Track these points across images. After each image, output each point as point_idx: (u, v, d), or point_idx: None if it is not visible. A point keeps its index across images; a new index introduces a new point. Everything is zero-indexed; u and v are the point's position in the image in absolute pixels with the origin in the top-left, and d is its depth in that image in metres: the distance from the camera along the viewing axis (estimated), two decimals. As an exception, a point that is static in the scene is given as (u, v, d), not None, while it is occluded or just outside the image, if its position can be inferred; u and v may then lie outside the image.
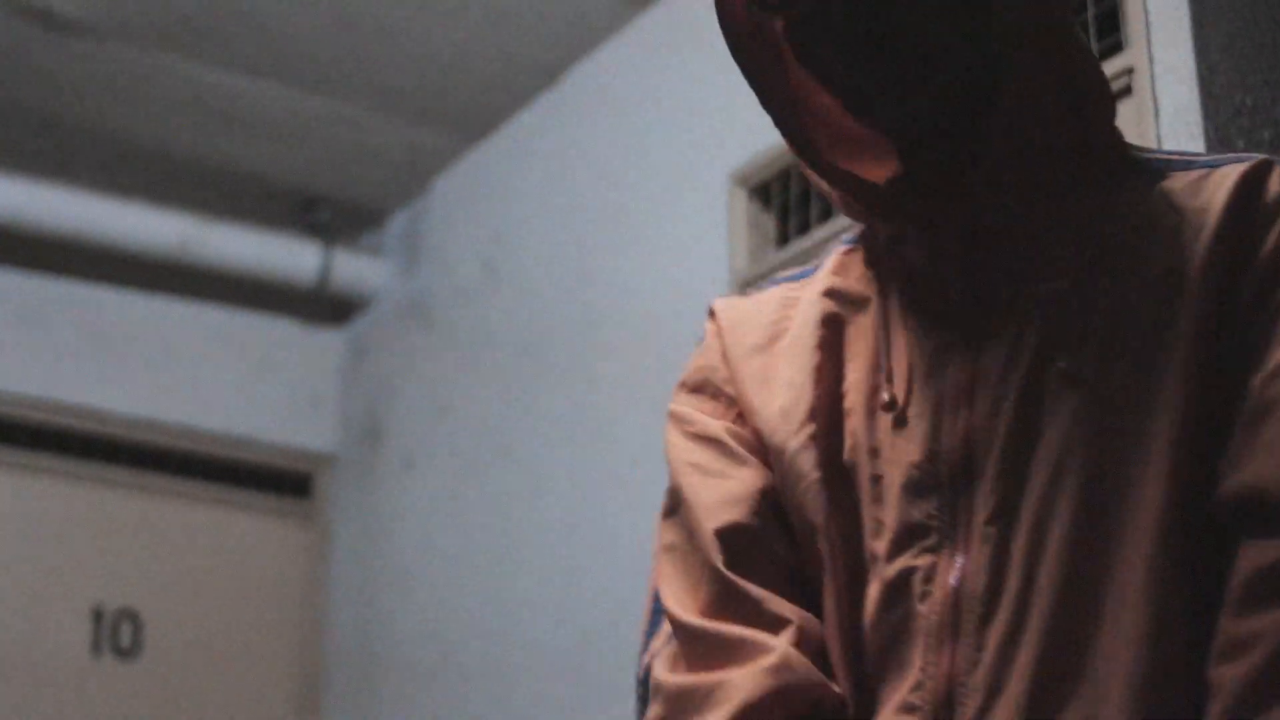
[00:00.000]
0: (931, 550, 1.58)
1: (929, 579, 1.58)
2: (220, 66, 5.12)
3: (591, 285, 5.05)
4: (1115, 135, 1.71)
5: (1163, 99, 3.37)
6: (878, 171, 1.69)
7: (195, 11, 4.84)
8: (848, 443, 1.69)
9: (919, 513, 1.60)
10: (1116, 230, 1.62)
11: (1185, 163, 1.67)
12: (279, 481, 6.16)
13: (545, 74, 5.20)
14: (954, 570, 1.57)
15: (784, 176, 4.30)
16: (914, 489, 1.61)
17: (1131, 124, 3.37)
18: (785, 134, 1.71)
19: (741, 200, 4.39)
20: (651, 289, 4.77)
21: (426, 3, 4.82)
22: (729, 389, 1.82)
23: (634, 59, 5.04)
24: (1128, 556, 1.51)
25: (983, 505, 1.56)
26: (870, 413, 1.68)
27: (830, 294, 1.78)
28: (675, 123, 4.81)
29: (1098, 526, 1.52)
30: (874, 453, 1.66)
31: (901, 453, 1.63)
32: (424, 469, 5.73)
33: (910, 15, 1.60)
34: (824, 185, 1.71)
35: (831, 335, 1.75)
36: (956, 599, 1.56)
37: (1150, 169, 1.67)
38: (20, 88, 5.19)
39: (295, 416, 6.20)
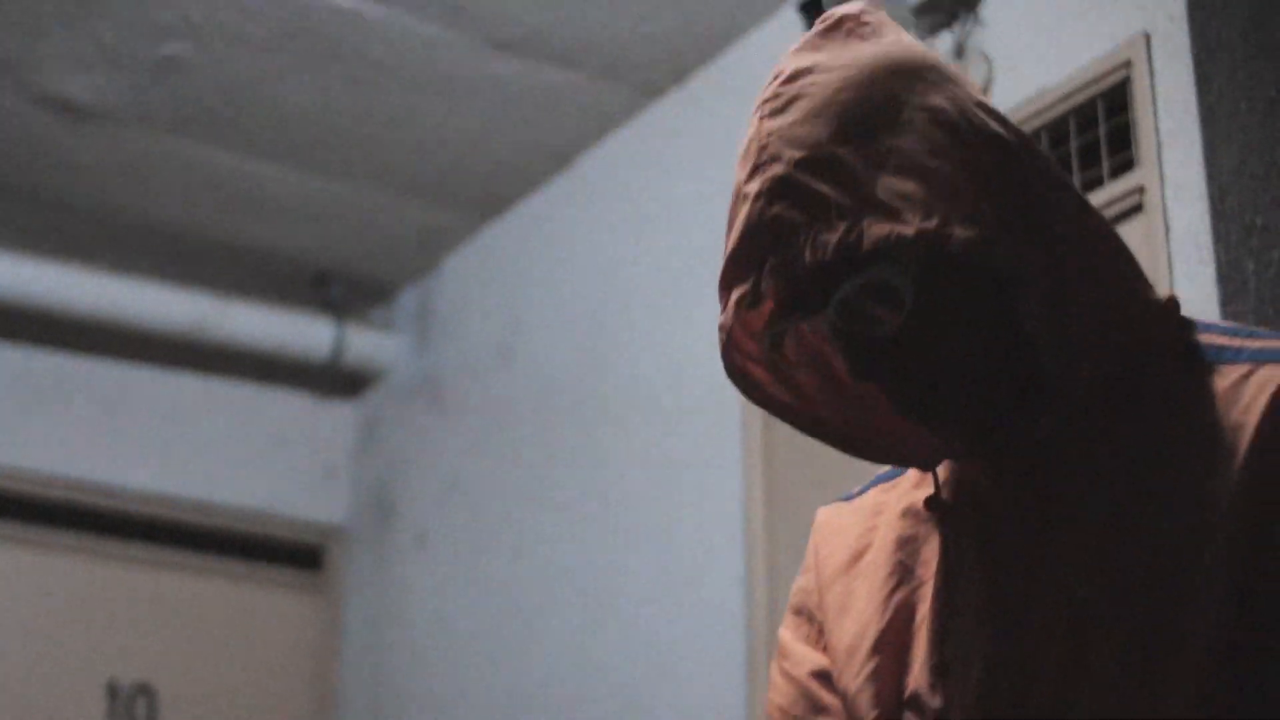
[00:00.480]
0: None
1: None
2: (237, 151, 5.24)
3: (603, 368, 5.13)
4: (1170, 332, 1.69)
5: (1173, 219, 3.45)
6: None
7: (213, 99, 4.96)
8: (914, 672, 1.70)
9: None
10: (1159, 451, 1.64)
11: (1235, 351, 1.65)
12: (291, 555, 6.24)
13: (558, 159, 5.31)
14: None
15: None
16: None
17: (1141, 243, 3.44)
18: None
19: None
20: (662, 373, 4.85)
21: (442, 89, 4.94)
22: (819, 615, 1.83)
23: (645, 147, 5.15)
24: None
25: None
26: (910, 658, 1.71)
27: (909, 512, 1.78)
28: (685, 209, 4.92)
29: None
30: (933, 689, 1.68)
31: (931, 700, 1.66)
32: (436, 545, 5.79)
33: (953, 352, 1.65)
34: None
35: (908, 559, 1.75)
36: None
37: (1202, 361, 1.65)
38: (41, 173, 5.32)
39: (308, 490, 6.28)
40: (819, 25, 1.74)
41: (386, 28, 4.65)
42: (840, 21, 1.73)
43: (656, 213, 5.06)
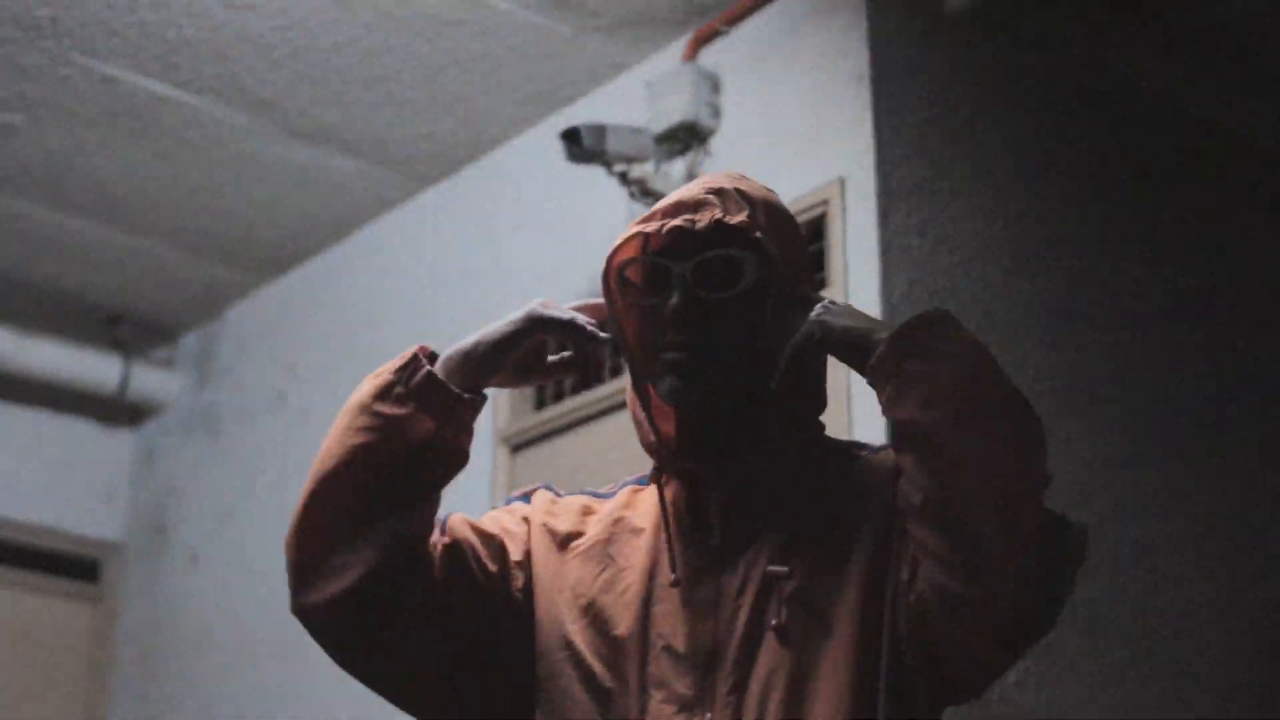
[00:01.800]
0: (688, 710, 2.31)
1: None
2: (52, 207, 5.76)
3: None
4: (823, 430, 2.47)
5: None
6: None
7: (37, 162, 5.49)
8: (622, 629, 2.38)
9: (682, 686, 2.32)
10: (827, 493, 2.37)
11: (859, 446, 2.43)
12: (71, 567, 6.57)
13: (336, 232, 5.88)
14: None
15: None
16: (678, 669, 2.33)
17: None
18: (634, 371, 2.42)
19: None
20: None
21: (241, 168, 5.50)
22: (522, 559, 2.47)
23: (417, 228, 5.64)
24: (824, 712, 2.26)
25: (723, 683, 2.30)
26: (645, 608, 2.39)
27: (618, 522, 2.47)
28: (449, 287, 5.41)
29: (801, 694, 2.28)
30: (645, 639, 2.36)
31: (675, 643, 2.35)
32: (206, 564, 6.17)
33: (724, 329, 2.32)
34: (647, 427, 2.42)
35: (614, 552, 2.44)
36: None
37: (840, 450, 2.43)
38: None
39: (89, 509, 6.64)
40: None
41: (198, 113, 5.20)
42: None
43: (420, 284, 5.54)
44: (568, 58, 4.94)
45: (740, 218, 2.28)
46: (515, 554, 2.43)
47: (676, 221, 2.30)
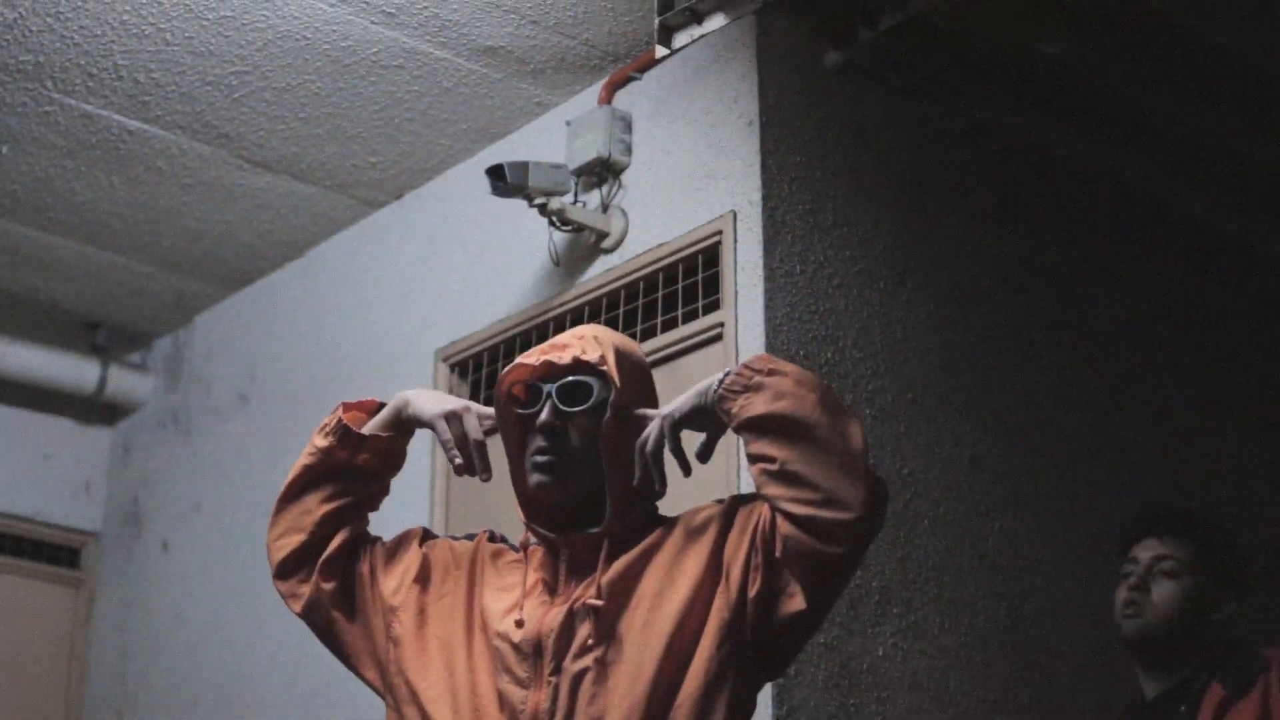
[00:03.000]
0: (523, 687, 3.01)
1: (523, 702, 3.00)
2: (35, 226, 6.14)
3: (324, 414, 5.71)
4: (654, 509, 3.18)
5: (742, 347, 4.37)
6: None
7: (22, 187, 5.88)
8: (489, 629, 3.10)
9: (520, 670, 3.01)
10: (649, 551, 3.06)
11: (680, 517, 3.10)
12: (52, 554, 6.85)
13: (294, 249, 6.25)
14: (535, 699, 3.00)
15: (480, 357, 5.32)
16: (517, 658, 3.03)
17: (719, 363, 4.41)
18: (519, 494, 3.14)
19: (444, 373, 5.39)
20: None
21: (206, 193, 5.89)
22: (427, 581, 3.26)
23: (366, 247, 5.96)
24: (628, 692, 2.96)
25: (547, 667, 2.99)
26: (506, 618, 3.11)
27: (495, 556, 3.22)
28: (395, 302, 5.73)
29: (605, 682, 2.97)
30: (502, 637, 3.06)
31: (514, 638, 3.05)
32: (178, 552, 6.44)
33: (577, 436, 3.04)
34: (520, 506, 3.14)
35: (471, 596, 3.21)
36: (535, 713, 2.98)
37: (665, 521, 3.11)
38: None
39: (69, 501, 6.93)
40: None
41: (166, 144, 5.59)
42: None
43: (371, 297, 5.84)
44: (497, 98, 5.29)
45: (593, 356, 3.05)
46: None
47: (549, 356, 3.07)
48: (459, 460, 3.19)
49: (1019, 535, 4.83)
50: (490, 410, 3.21)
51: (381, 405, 3.40)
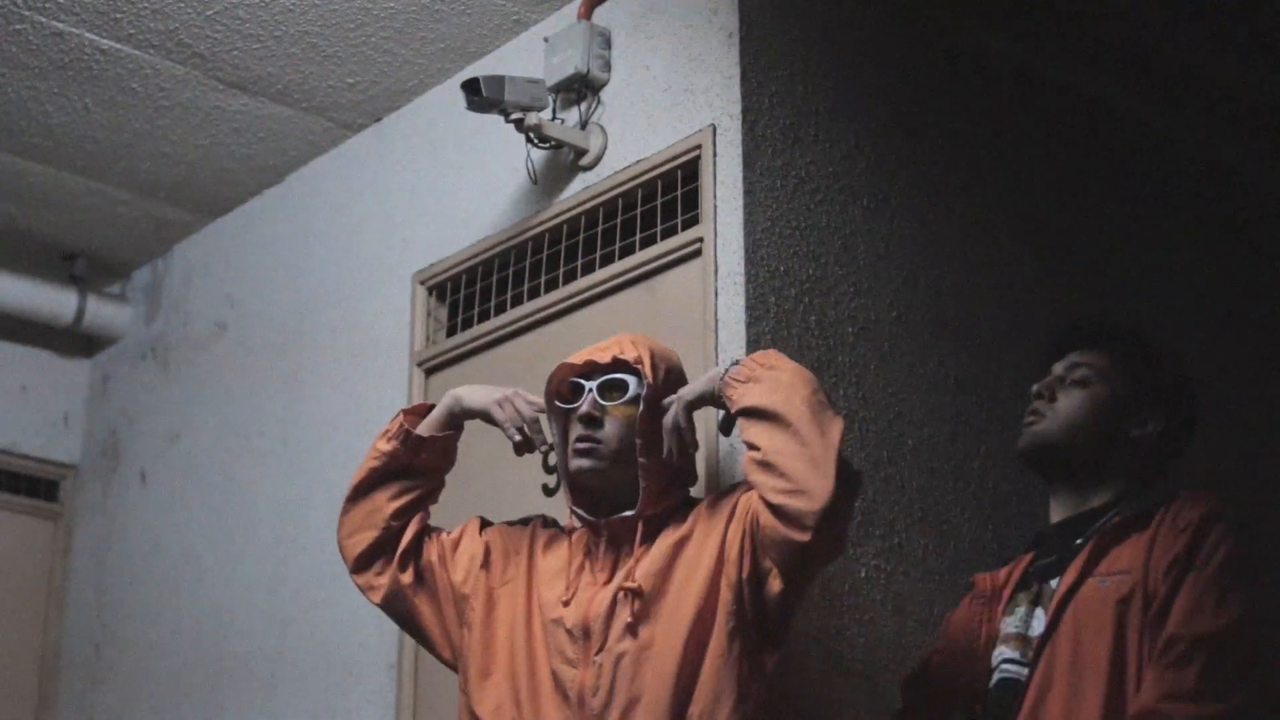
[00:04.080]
0: (573, 666, 3.29)
1: (573, 681, 3.28)
2: (8, 151, 6.06)
3: (301, 347, 5.86)
4: (686, 494, 3.51)
5: (721, 262, 4.33)
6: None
7: None
8: (544, 614, 3.51)
9: (570, 651, 3.29)
10: (682, 535, 3.33)
11: (706, 500, 3.39)
12: (31, 487, 6.84)
13: (272, 174, 6.17)
14: (582, 678, 3.27)
15: (458, 279, 5.27)
16: (568, 640, 3.30)
17: (698, 278, 4.36)
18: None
19: (422, 296, 5.35)
20: (349, 354, 5.61)
21: (181, 115, 5.81)
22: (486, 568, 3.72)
23: (344, 171, 5.90)
24: (660, 671, 3.22)
25: (593, 648, 3.25)
26: (558, 603, 3.50)
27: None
28: (374, 226, 5.68)
29: (643, 663, 3.24)
30: (556, 622, 3.36)
31: (566, 623, 3.35)
32: (155, 483, 6.42)
33: (614, 429, 3.57)
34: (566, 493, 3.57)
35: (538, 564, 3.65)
36: (581, 691, 3.24)
37: (696, 504, 3.38)
38: None
39: (47, 433, 6.91)
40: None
41: (140, 64, 5.51)
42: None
43: (350, 222, 5.80)
44: (474, 15, 5.21)
45: (630, 356, 3.53)
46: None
47: (591, 356, 3.56)
48: (518, 438, 3.65)
49: (1004, 458, 4.74)
50: (536, 398, 3.68)
51: (433, 406, 3.84)
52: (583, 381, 3.59)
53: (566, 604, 3.46)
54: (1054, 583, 3.45)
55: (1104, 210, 5.36)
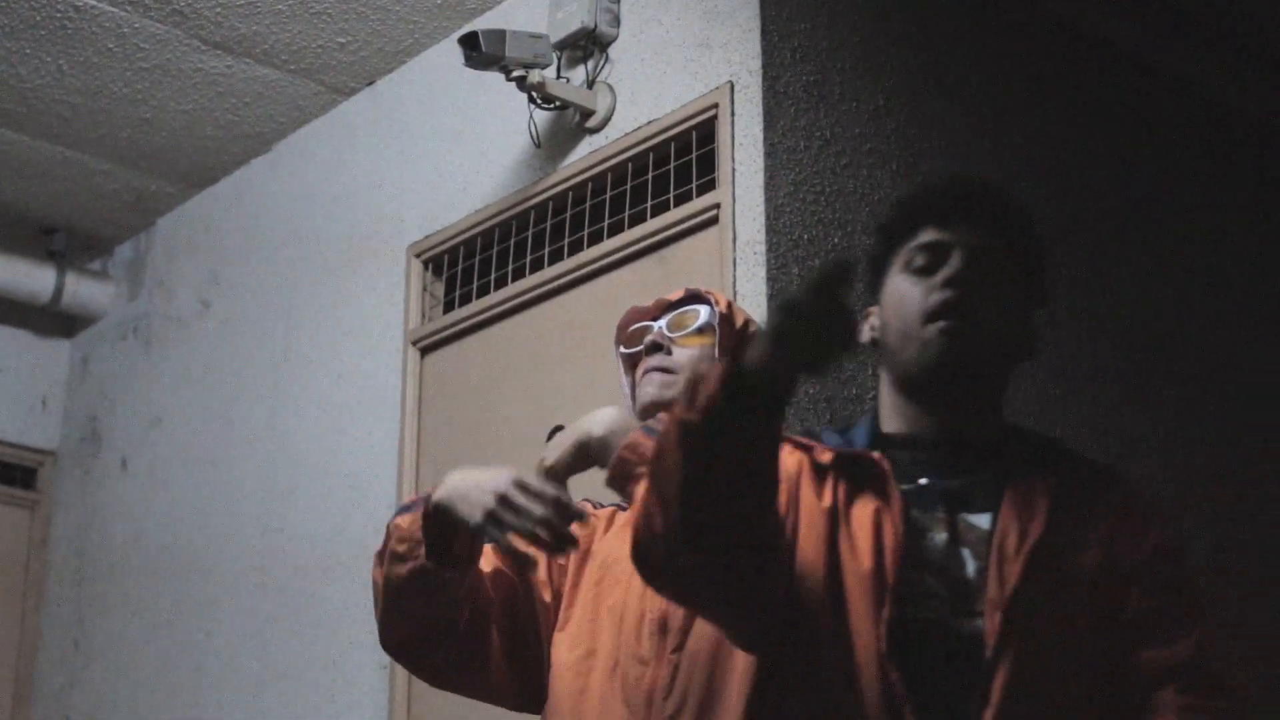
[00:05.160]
0: (644, 665, 2.84)
1: (655, 678, 2.82)
2: None
3: (289, 326, 5.67)
4: None
5: (740, 230, 4.11)
6: None
7: None
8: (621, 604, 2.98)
9: (646, 648, 2.85)
10: None
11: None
12: (8, 474, 6.64)
13: (259, 143, 5.93)
14: (656, 675, 2.80)
15: (455, 251, 5.04)
16: (652, 635, 2.86)
17: (714, 248, 4.15)
18: None
19: (418, 269, 5.13)
20: (339, 332, 5.42)
21: (163, 78, 5.55)
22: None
23: (336, 138, 5.70)
24: (730, 680, 2.61)
25: (671, 645, 2.78)
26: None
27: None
28: (366, 196, 5.48)
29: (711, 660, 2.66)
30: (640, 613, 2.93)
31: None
32: (137, 470, 6.24)
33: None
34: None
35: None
36: (652, 691, 2.80)
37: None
38: None
39: (25, 417, 6.70)
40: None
41: (118, 23, 5.26)
42: None
43: (341, 192, 5.59)
44: None
45: (700, 289, 3.21)
46: None
47: (662, 299, 3.23)
48: (535, 546, 2.86)
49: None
50: (541, 483, 2.89)
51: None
52: (650, 323, 3.22)
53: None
54: (976, 520, 2.61)
55: (1156, 175, 5.15)
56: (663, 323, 3.18)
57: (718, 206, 4.21)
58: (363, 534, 4.97)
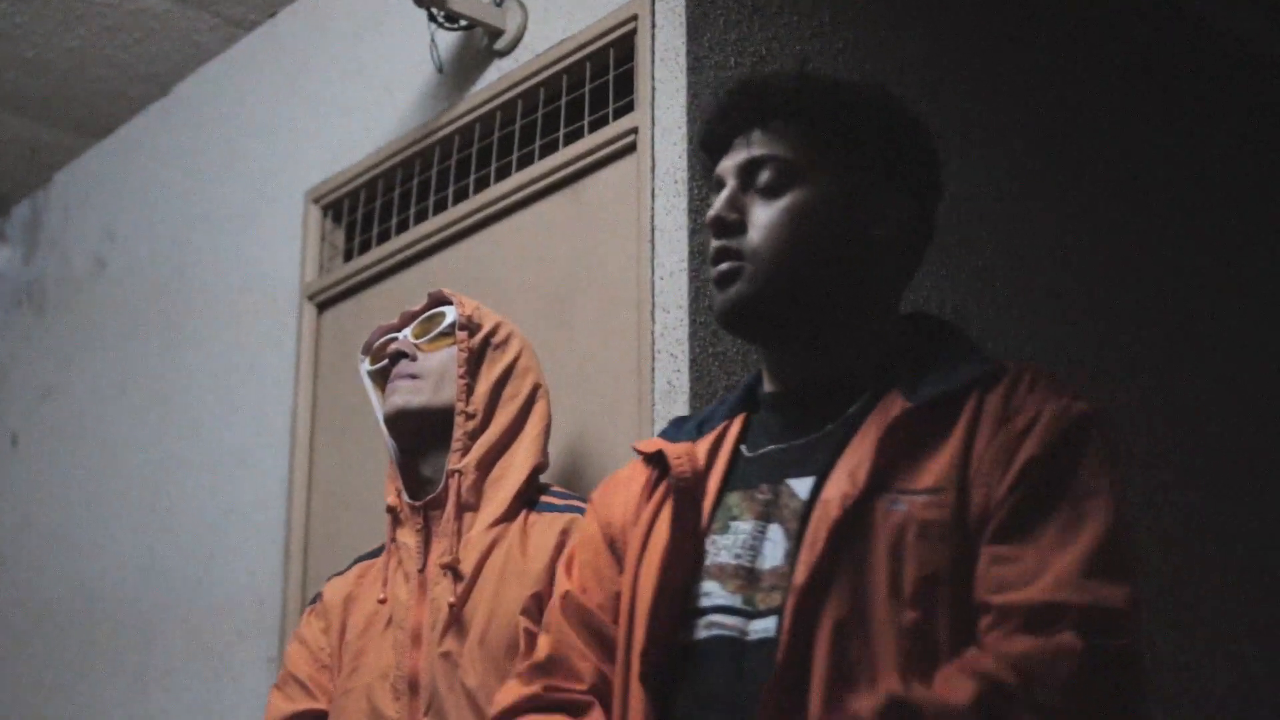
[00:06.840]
0: None
1: None
2: None
3: (185, 283, 5.26)
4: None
5: (659, 157, 3.65)
6: None
7: None
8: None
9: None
10: None
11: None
12: None
13: (157, 86, 5.49)
14: None
15: (356, 195, 4.59)
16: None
17: (631, 178, 3.69)
18: None
19: (316, 216, 4.68)
20: (236, 289, 5.00)
21: (43, 11, 5.09)
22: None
23: (234, 78, 5.29)
24: None
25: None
26: None
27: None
28: (263, 140, 5.08)
29: None
30: None
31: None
32: (27, 448, 5.86)
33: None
34: None
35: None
36: None
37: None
38: None
39: None
40: None
41: None
42: None
43: (239, 137, 5.20)
44: None
45: (445, 293, 3.33)
46: None
47: (406, 311, 3.38)
48: None
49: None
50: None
51: None
52: (395, 334, 3.37)
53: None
54: (799, 486, 2.23)
55: (1165, 132, 4.78)
56: (406, 332, 3.30)
57: (635, 131, 3.74)
58: (251, 513, 4.61)
